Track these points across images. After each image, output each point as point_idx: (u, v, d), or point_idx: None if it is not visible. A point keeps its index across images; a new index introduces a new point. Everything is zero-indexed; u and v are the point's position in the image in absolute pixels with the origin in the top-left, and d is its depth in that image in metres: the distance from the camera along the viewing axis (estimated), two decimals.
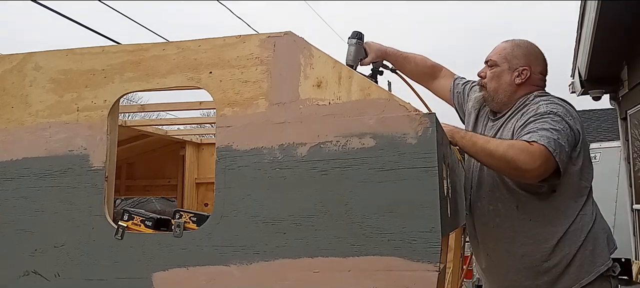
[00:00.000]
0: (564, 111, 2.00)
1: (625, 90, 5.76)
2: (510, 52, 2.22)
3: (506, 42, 2.28)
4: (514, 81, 2.19)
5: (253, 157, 1.53)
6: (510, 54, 2.21)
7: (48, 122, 1.71)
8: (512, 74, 2.19)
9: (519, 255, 2.08)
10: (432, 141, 1.42)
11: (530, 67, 2.20)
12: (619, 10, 4.44)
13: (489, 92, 2.24)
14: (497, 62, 2.22)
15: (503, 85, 2.20)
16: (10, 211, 1.70)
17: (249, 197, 1.52)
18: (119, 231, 1.60)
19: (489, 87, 2.23)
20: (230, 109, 1.57)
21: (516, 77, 2.18)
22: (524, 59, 2.21)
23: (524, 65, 2.19)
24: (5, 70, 1.78)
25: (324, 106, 1.51)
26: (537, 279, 2.05)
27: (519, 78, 2.18)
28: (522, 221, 2.07)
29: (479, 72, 2.30)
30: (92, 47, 1.73)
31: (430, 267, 1.37)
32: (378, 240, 1.41)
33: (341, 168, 1.46)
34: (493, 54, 2.25)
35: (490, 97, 2.24)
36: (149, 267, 1.56)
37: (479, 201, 2.20)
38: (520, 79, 2.18)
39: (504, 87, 2.20)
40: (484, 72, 2.26)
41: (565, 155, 1.90)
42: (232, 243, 1.51)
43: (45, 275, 1.64)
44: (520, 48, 2.23)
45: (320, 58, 1.55)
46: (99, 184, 1.63)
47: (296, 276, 1.46)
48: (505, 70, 2.20)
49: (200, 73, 1.62)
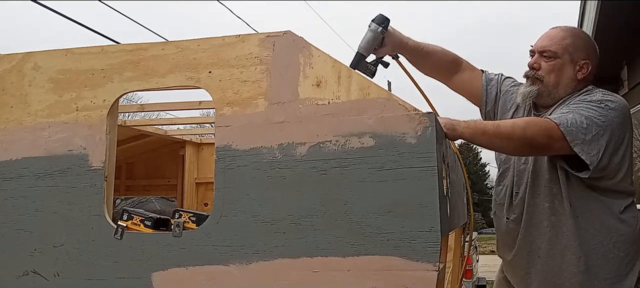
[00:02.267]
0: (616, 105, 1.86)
1: (625, 90, 5.76)
2: (571, 43, 2.01)
3: (562, 30, 2.06)
4: (576, 76, 2.00)
5: (252, 156, 1.53)
6: (572, 45, 2.01)
7: (47, 122, 1.71)
8: (574, 68, 2.00)
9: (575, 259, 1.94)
10: (432, 141, 1.42)
11: (591, 60, 2.02)
12: (619, 11, 4.44)
13: (546, 85, 2.01)
14: (558, 53, 2.00)
15: (565, 79, 2.00)
16: (9, 211, 1.69)
17: (248, 197, 1.51)
18: (119, 231, 1.60)
19: (547, 80, 2.01)
20: (229, 109, 1.57)
21: (578, 71, 2.00)
22: (585, 52, 2.02)
23: (585, 59, 2.01)
24: (4, 70, 1.78)
25: (324, 106, 1.51)
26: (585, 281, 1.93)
27: (581, 72, 2.00)
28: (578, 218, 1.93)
29: (530, 62, 2.06)
30: (91, 47, 1.73)
31: (429, 267, 1.37)
32: (377, 240, 1.41)
33: (340, 168, 1.46)
34: (550, 44, 2.02)
35: (548, 91, 2.02)
36: (149, 267, 1.56)
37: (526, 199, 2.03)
38: (582, 74, 2.00)
39: (565, 82, 2.01)
40: (538, 64, 2.03)
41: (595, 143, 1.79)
42: (232, 243, 1.51)
43: (44, 274, 1.64)
44: (581, 39, 2.05)
45: (320, 57, 1.55)
46: (98, 184, 1.63)
47: (296, 276, 1.46)
48: (567, 63, 2.00)
49: (200, 73, 1.62)
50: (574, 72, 2.01)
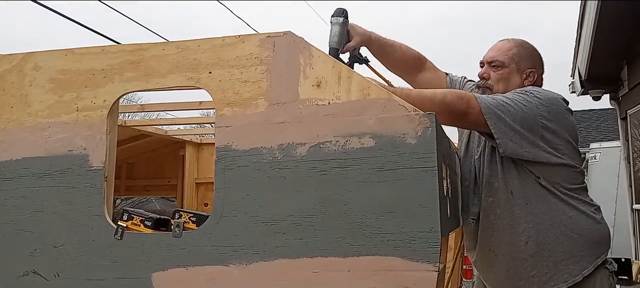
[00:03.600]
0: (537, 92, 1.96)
1: (625, 90, 5.77)
2: (517, 53, 2.14)
3: (507, 41, 2.20)
4: (523, 83, 2.12)
5: (252, 157, 1.53)
6: (518, 55, 2.14)
7: (47, 122, 1.71)
8: (521, 76, 2.13)
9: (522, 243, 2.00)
10: (432, 141, 1.42)
11: (536, 69, 2.15)
12: (619, 10, 4.44)
13: (495, 93, 2.10)
14: (505, 63, 2.13)
15: (512, 86, 2.11)
16: (9, 211, 1.70)
17: (248, 197, 1.51)
18: (119, 231, 1.60)
19: (496, 88, 2.13)
20: (229, 109, 1.57)
21: (525, 79, 2.12)
22: (531, 61, 2.15)
23: (531, 67, 2.14)
24: (4, 70, 1.78)
25: (324, 106, 1.51)
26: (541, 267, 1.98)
27: (528, 80, 2.12)
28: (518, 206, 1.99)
29: (480, 73, 2.20)
30: (92, 47, 1.73)
31: (429, 267, 1.37)
32: (377, 240, 1.41)
33: (341, 168, 1.46)
34: (498, 55, 2.16)
35: None
36: (149, 267, 1.56)
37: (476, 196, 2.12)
38: (529, 81, 2.12)
39: (513, 89, 2.09)
40: (487, 74, 2.17)
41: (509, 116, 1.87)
42: (232, 243, 1.51)
43: (44, 275, 1.64)
44: (526, 49, 2.17)
45: (320, 58, 1.55)
46: (99, 184, 1.63)
47: (295, 276, 1.46)
48: (514, 72, 2.13)
49: (200, 73, 1.62)
50: (521, 80, 2.14)
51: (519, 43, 2.19)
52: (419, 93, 1.88)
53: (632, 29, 4.73)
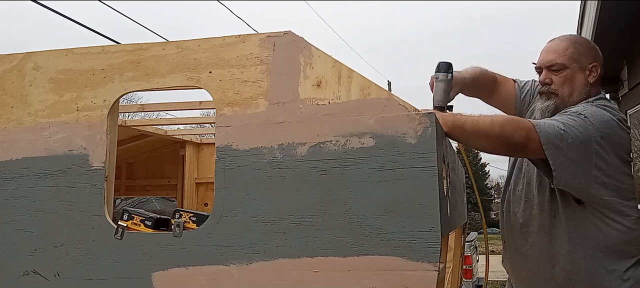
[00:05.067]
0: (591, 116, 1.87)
1: (625, 90, 5.77)
2: (575, 50, 2.04)
3: (560, 41, 2.10)
4: (588, 80, 2.03)
5: (253, 156, 1.53)
6: (576, 52, 2.04)
7: (48, 122, 1.71)
8: (584, 73, 2.03)
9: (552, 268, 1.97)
10: (432, 141, 1.42)
11: (597, 61, 2.05)
12: (618, 11, 4.44)
13: (562, 98, 2.04)
14: (566, 64, 2.03)
15: (578, 86, 2.03)
16: (10, 211, 1.70)
17: (248, 197, 1.52)
18: (119, 231, 1.60)
19: (561, 92, 2.04)
20: (230, 109, 1.57)
21: (588, 75, 2.03)
22: (590, 55, 2.05)
23: (593, 62, 2.04)
24: (4, 70, 1.78)
25: (324, 106, 1.51)
26: None
27: (592, 76, 2.03)
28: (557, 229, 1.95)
29: (541, 79, 2.09)
30: (92, 47, 1.73)
31: (429, 267, 1.37)
32: (378, 240, 1.41)
33: (341, 168, 1.46)
34: (556, 57, 2.05)
35: (564, 103, 2.03)
36: (149, 267, 1.56)
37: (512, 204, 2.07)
38: (594, 77, 2.03)
39: (579, 89, 2.02)
40: (549, 78, 2.06)
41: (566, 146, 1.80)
42: (232, 243, 1.51)
43: (45, 274, 1.64)
44: (581, 44, 2.08)
45: (320, 58, 1.55)
46: (99, 184, 1.63)
47: (296, 276, 1.46)
48: (577, 71, 2.03)
49: (200, 73, 1.62)
50: (585, 78, 2.05)
51: (574, 39, 2.10)
52: (475, 125, 1.77)
53: (631, 29, 4.73)
